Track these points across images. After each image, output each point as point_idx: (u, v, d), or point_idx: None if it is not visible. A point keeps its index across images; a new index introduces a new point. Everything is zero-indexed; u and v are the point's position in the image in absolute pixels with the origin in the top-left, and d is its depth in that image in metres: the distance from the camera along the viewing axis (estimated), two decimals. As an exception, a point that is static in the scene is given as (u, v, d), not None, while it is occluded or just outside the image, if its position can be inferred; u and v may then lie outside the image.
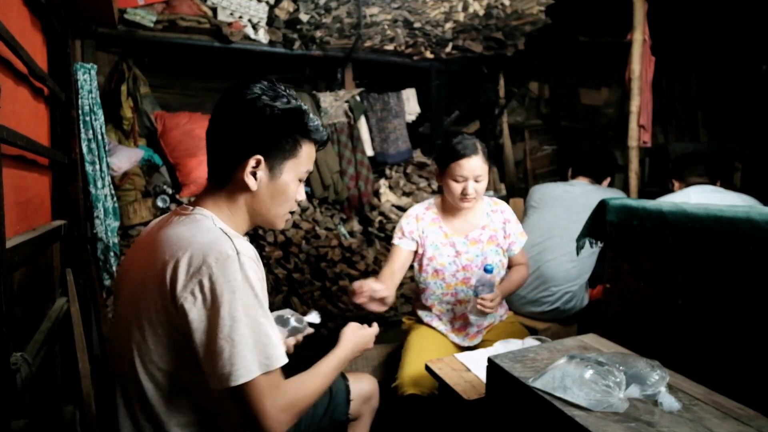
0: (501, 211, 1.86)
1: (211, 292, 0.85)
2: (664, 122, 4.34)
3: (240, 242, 0.90)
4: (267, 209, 1.03)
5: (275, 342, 0.89)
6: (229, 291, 0.84)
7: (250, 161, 0.96)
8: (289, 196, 1.04)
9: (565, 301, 2.24)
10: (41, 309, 1.60)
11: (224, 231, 0.92)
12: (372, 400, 1.42)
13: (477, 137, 1.77)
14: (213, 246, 0.87)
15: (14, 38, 1.28)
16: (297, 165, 1.02)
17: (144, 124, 2.91)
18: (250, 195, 1.00)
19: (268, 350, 0.87)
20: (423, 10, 3.21)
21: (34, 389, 1.23)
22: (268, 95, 0.97)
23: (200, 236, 0.90)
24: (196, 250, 0.87)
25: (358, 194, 3.36)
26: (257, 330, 0.86)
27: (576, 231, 1.48)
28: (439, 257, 1.77)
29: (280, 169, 1.00)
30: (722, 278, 1.05)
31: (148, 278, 0.90)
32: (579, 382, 0.92)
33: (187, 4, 2.75)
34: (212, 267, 0.85)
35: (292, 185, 1.03)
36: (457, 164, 1.66)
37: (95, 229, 2.30)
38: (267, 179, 1.00)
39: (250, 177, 0.97)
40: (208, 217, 0.96)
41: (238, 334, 0.84)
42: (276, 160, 0.99)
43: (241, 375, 0.83)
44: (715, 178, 2.15)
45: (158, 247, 0.91)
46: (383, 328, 3.69)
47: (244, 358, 0.84)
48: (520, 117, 4.66)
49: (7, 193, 1.22)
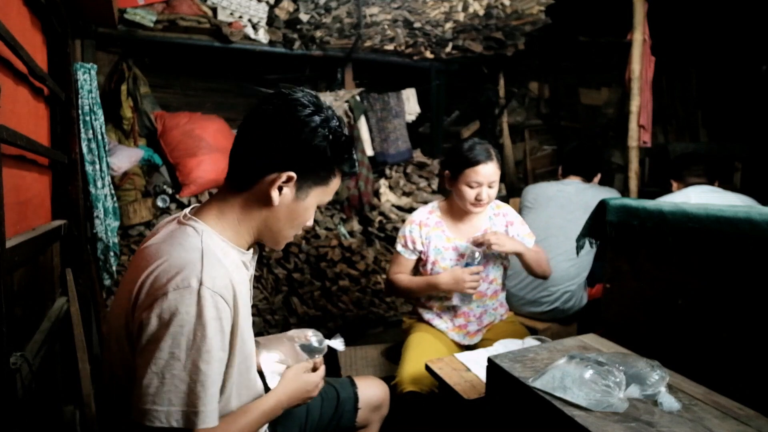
0: (504, 214, 1.87)
1: (159, 319, 0.78)
2: (664, 122, 4.34)
3: (213, 271, 0.83)
4: (279, 228, 0.98)
5: (210, 397, 0.80)
6: (177, 324, 0.78)
7: (282, 175, 0.91)
8: (304, 220, 1.00)
9: (564, 300, 2.24)
10: (41, 309, 1.60)
11: (205, 253, 0.85)
12: (382, 408, 1.38)
13: (477, 137, 1.78)
14: (180, 270, 0.81)
15: (14, 38, 1.28)
16: (324, 193, 0.99)
17: (144, 124, 2.91)
18: (267, 208, 0.95)
19: (198, 404, 0.79)
20: (423, 10, 3.21)
21: (34, 389, 1.23)
22: (320, 116, 0.92)
23: (176, 254, 0.84)
24: (163, 270, 0.82)
25: (358, 194, 3.36)
26: (194, 377, 0.78)
27: (572, 230, 1.48)
28: (442, 261, 1.78)
29: (307, 193, 0.96)
30: (722, 278, 1.05)
31: (128, 291, 0.86)
32: (579, 382, 0.92)
33: (187, 4, 2.75)
34: (168, 293, 0.79)
35: (311, 211, 1.00)
36: (472, 170, 1.67)
37: (95, 229, 2.30)
38: (291, 198, 0.95)
39: (276, 191, 0.92)
40: (198, 231, 0.90)
41: (171, 374, 0.77)
42: (306, 183, 0.95)
43: (158, 418, 0.77)
44: (714, 178, 2.16)
45: (142, 257, 0.88)
46: (382, 327, 3.68)
47: (168, 401, 0.77)
48: (520, 117, 4.66)
49: (7, 192, 1.22)
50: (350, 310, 3.24)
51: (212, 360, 0.80)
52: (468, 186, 1.69)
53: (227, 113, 3.20)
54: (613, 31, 3.23)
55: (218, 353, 0.82)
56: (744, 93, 3.77)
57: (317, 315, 3.14)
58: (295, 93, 0.94)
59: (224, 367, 0.86)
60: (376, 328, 3.31)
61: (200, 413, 0.79)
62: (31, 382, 1.20)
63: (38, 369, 1.28)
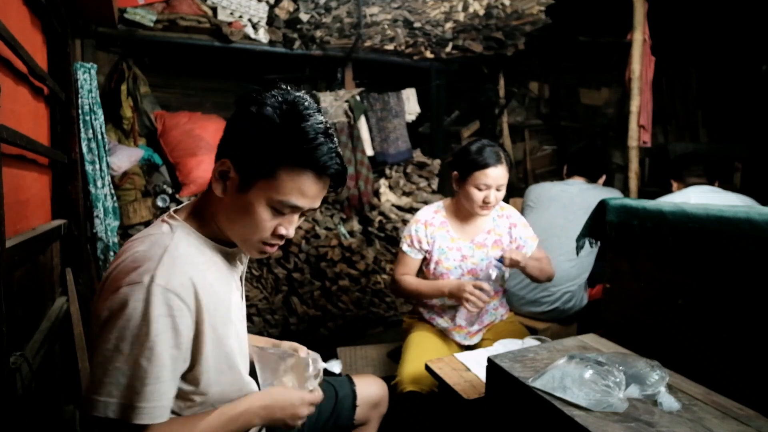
0: (507, 216, 1.87)
1: (109, 311, 0.80)
2: (664, 122, 4.34)
3: (170, 269, 0.82)
4: (231, 224, 0.92)
5: (151, 394, 0.79)
6: (125, 318, 0.78)
7: (220, 162, 0.89)
8: (254, 220, 0.89)
9: (565, 300, 2.24)
10: (41, 308, 1.60)
11: (169, 250, 0.84)
12: (380, 406, 1.38)
13: (477, 137, 1.78)
14: (138, 266, 0.82)
15: (14, 38, 1.28)
16: (270, 189, 0.86)
17: (144, 124, 2.91)
18: (218, 201, 0.91)
19: (135, 400, 0.78)
20: (423, 10, 3.21)
21: (34, 389, 1.23)
22: (275, 106, 0.86)
23: (139, 251, 0.85)
24: (125, 265, 0.83)
25: (358, 194, 3.36)
26: (134, 372, 0.78)
27: (574, 230, 1.48)
28: (446, 261, 1.78)
29: (250, 185, 0.87)
30: (722, 278, 1.05)
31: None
32: (579, 382, 0.92)
33: (187, 4, 2.75)
34: (121, 288, 0.80)
35: (260, 210, 0.88)
36: (482, 173, 1.66)
37: (95, 229, 2.30)
38: (234, 190, 0.89)
39: (218, 180, 0.89)
40: (172, 228, 0.90)
41: (113, 366, 0.78)
42: (248, 173, 0.87)
43: (97, 408, 0.78)
44: (714, 178, 2.16)
45: (118, 254, 0.91)
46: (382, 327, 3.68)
47: (107, 393, 0.78)
48: (520, 117, 4.66)
49: (7, 192, 1.22)
50: (350, 310, 3.24)
51: (155, 357, 0.79)
52: (476, 188, 1.68)
53: (227, 113, 3.18)
54: (613, 31, 3.23)
55: (168, 350, 0.81)
56: (744, 93, 3.77)
57: (317, 315, 3.14)
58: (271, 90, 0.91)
59: (180, 364, 0.85)
60: (376, 328, 3.31)
61: (137, 408, 0.78)
62: (31, 381, 1.20)
63: (38, 369, 1.28)
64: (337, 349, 2.34)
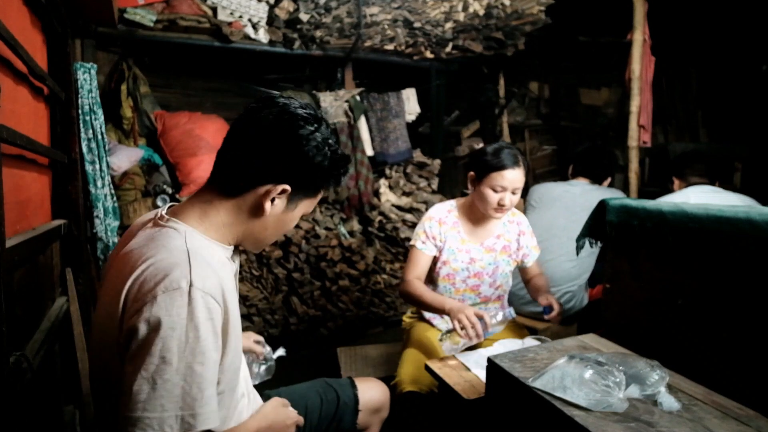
0: (518, 223, 1.86)
1: (148, 324, 0.75)
2: (664, 122, 4.34)
3: (201, 272, 0.81)
4: (264, 235, 0.99)
5: (208, 399, 0.78)
6: (168, 327, 0.75)
7: (277, 187, 0.90)
8: (289, 228, 1.02)
9: (565, 300, 2.24)
10: (41, 308, 1.60)
11: (191, 254, 0.82)
12: (382, 411, 1.38)
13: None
14: (168, 272, 0.78)
15: (14, 38, 1.28)
16: (311, 204, 1.01)
17: (144, 124, 2.91)
18: (255, 218, 0.94)
19: (195, 406, 0.76)
20: (423, 10, 3.21)
21: (34, 389, 1.23)
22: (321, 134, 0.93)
23: (161, 257, 0.81)
24: (150, 274, 0.79)
25: (358, 194, 3.36)
26: (189, 379, 0.76)
27: (575, 231, 1.48)
28: (454, 262, 1.77)
29: (297, 204, 0.97)
30: (722, 278, 1.05)
31: (110, 297, 0.84)
32: (579, 382, 0.92)
33: (187, 4, 2.75)
34: (158, 297, 0.76)
35: (296, 221, 1.02)
36: (499, 174, 1.64)
37: (95, 229, 2.31)
38: (281, 209, 0.95)
39: (269, 202, 0.92)
40: (180, 232, 0.87)
41: (162, 379, 0.74)
42: (298, 195, 0.96)
43: (150, 426, 0.73)
44: (715, 178, 2.16)
45: (124, 262, 0.85)
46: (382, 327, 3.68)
47: (161, 407, 0.74)
48: (520, 117, 4.66)
49: (7, 192, 1.22)
50: (350, 310, 3.24)
51: (207, 361, 0.78)
52: (492, 190, 1.66)
53: (227, 113, 3.20)
54: (613, 31, 3.23)
55: (212, 354, 0.80)
56: (744, 93, 3.77)
57: (317, 315, 3.14)
58: (293, 104, 0.92)
59: (218, 367, 0.84)
60: (376, 328, 3.31)
61: (198, 415, 0.76)
62: (31, 381, 1.20)
63: (38, 369, 1.28)
64: (337, 349, 2.35)
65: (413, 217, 3.52)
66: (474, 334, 1.43)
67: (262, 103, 0.93)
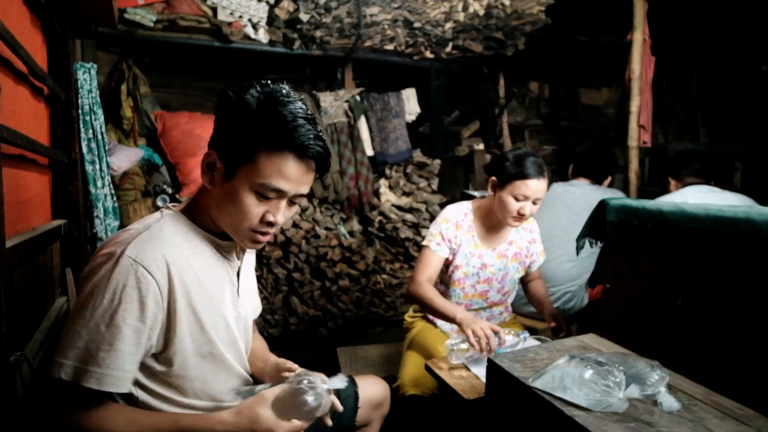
0: (530, 230, 1.86)
1: (83, 280, 0.86)
2: (664, 122, 4.34)
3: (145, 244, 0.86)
4: (220, 214, 0.94)
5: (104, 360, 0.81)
6: (92, 284, 0.84)
7: (210, 153, 0.94)
8: (240, 207, 0.90)
9: (565, 300, 2.24)
10: (41, 308, 1.60)
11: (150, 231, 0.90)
12: (382, 407, 1.38)
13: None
14: (114, 243, 0.88)
15: (14, 38, 1.28)
16: (252, 174, 0.88)
17: (144, 124, 2.91)
18: (208, 193, 0.96)
19: (89, 363, 0.80)
20: (423, 10, 3.21)
21: (34, 389, 1.23)
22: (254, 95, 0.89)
23: (123, 232, 0.91)
24: (107, 242, 0.90)
25: (358, 194, 3.36)
26: (93, 337, 0.81)
27: (576, 231, 1.48)
28: (465, 266, 1.75)
29: (234, 172, 0.90)
30: (722, 278, 1.05)
31: None
32: (579, 382, 0.92)
33: (187, 4, 2.75)
34: (97, 259, 0.87)
35: (244, 196, 0.89)
36: (523, 183, 1.59)
37: (95, 229, 2.30)
38: (220, 180, 0.92)
39: (206, 171, 0.94)
40: (164, 215, 0.96)
41: (73, 329, 0.82)
42: (231, 161, 0.90)
43: (53, 369, 0.81)
44: (711, 177, 2.15)
45: None
46: (382, 328, 3.67)
47: (64, 355, 0.81)
48: (520, 117, 4.65)
49: (7, 192, 1.22)
50: (350, 310, 3.24)
51: (114, 325, 0.82)
52: (514, 198, 1.61)
53: (227, 113, 3.20)
54: (613, 31, 3.23)
55: (131, 322, 0.83)
56: (744, 93, 3.77)
57: (317, 315, 3.14)
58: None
59: (144, 339, 0.85)
60: (376, 328, 3.31)
61: (88, 372, 0.80)
62: (31, 382, 1.20)
63: (38, 369, 1.28)
64: (337, 349, 2.35)
65: (413, 217, 3.52)
66: (486, 347, 1.38)
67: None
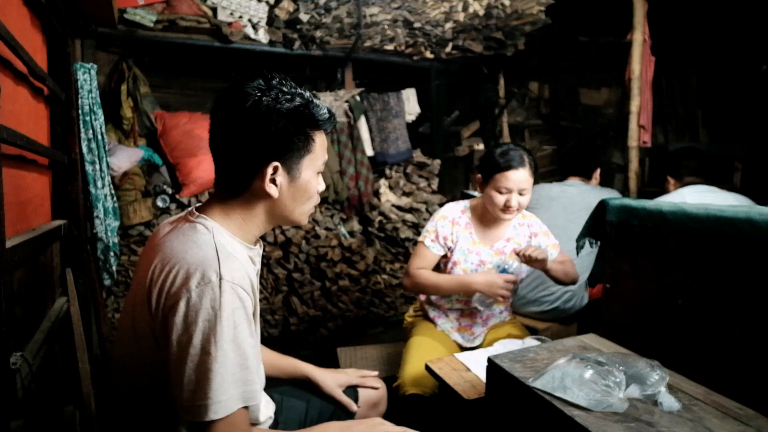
0: (528, 225, 1.85)
1: (186, 318, 0.81)
2: (664, 122, 4.33)
3: (230, 265, 0.85)
4: (291, 210, 0.99)
5: (253, 378, 0.85)
6: (204, 319, 0.80)
7: (267, 170, 0.91)
8: (311, 193, 1.00)
9: (565, 300, 2.24)
10: (41, 309, 1.60)
11: (219, 248, 0.87)
12: (380, 406, 1.39)
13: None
14: (198, 267, 0.83)
15: (14, 38, 1.28)
16: (314, 159, 0.97)
17: (144, 124, 2.91)
18: (270, 201, 0.96)
19: (246, 384, 0.84)
20: (423, 10, 3.21)
21: (34, 389, 1.23)
22: (269, 96, 0.90)
23: (191, 252, 0.85)
24: (182, 269, 0.83)
25: (358, 194, 3.36)
26: (234, 362, 0.82)
27: (574, 231, 1.48)
28: (464, 263, 1.76)
29: (299, 169, 0.95)
30: (722, 278, 1.05)
31: (140, 287, 0.88)
32: (579, 382, 0.92)
33: (187, 4, 2.75)
34: (191, 291, 0.81)
35: (313, 181, 0.99)
36: (502, 176, 1.63)
37: (95, 229, 2.30)
38: (287, 183, 0.95)
39: (271, 186, 0.93)
40: (209, 228, 0.91)
41: (211, 367, 0.80)
42: (293, 161, 0.94)
43: (212, 410, 0.80)
44: (710, 176, 2.14)
45: (156, 254, 0.89)
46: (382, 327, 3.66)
47: (223, 391, 0.80)
48: (520, 117, 4.65)
49: (7, 192, 1.22)
50: (350, 310, 3.24)
51: (244, 345, 0.84)
52: (498, 191, 1.65)
53: (227, 113, 3.20)
54: (613, 31, 3.23)
55: (247, 338, 0.85)
56: (744, 93, 3.77)
57: (317, 315, 3.14)
58: (244, 84, 0.91)
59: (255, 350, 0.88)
60: (376, 328, 3.32)
61: (252, 392, 0.84)
62: (31, 382, 1.20)
63: (38, 369, 1.28)
64: (337, 349, 2.34)
65: (413, 217, 3.52)
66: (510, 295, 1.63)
67: (217, 98, 0.95)
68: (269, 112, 0.89)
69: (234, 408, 0.81)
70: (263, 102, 0.89)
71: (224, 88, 0.94)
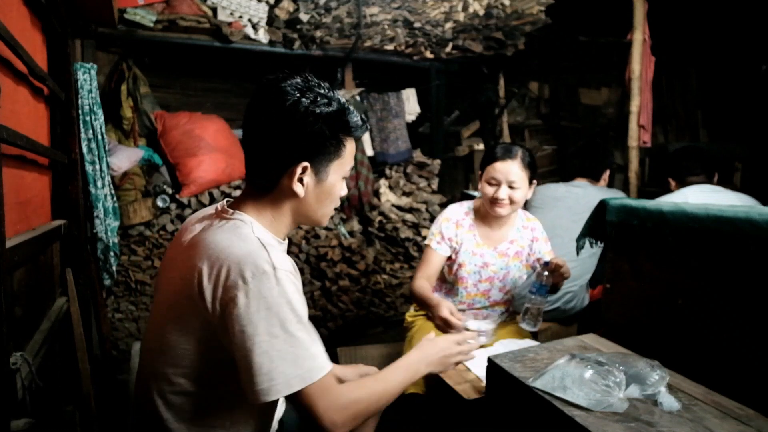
0: (531, 229, 1.85)
1: (247, 308, 0.84)
2: (664, 122, 4.34)
3: (276, 254, 0.89)
4: (314, 211, 1.02)
5: (314, 353, 0.89)
6: (265, 308, 0.84)
7: (296, 169, 0.94)
8: (335, 197, 1.03)
9: (566, 301, 2.24)
10: (41, 309, 1.60)
11: (262, 241, 0.90)
12: None
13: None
14: (249, 259, 0.86)
15: (14, 38, 1.28)
16: (342, 165, 1.01)
17: (144, 124, 2.90)
18: (296, 200, 0.99)
19: (307, 363, 0.87)
20: (423, 10, 3.21)
21: (34, 389, 1.23)
22: (307, 98, 0.92)
23: (238, 246, 0.88)
24: (233, 263, 0.86)
25: (358, 194, 3.36)
26: (295, 344, 0.86)
27: (578, 231, 1.48)
28: (468, 265, 1.76)
29: (326, 172, 0.98)
30: (722, 278, 1.05)
31: (185, 283, 0.89)
32: (579, 382, 0.92)
33: (187, 4, 2.75)
34: (249, 283, 0.84)
35: (338, 185, 1.02)
36: (491, 167, 1.65)
37: (95, 229, 2.30)
38: (314, 184, 0.98)
39: (298, 185, 0.96)
40: (247, 223, 0.94)
41: (275, 350, 0.84)
42: (322, 164, 0.97)
43: (280, 390, 0.84)
44: (712, 175, 2.14)
45: (197, 252, 0.90)
46: (382, 327, 3.66)
47: (282, 373, 0.84)
48: (520, 117, 4.65)
49: (7, 192, 1.22)
50: (350, 310, 3.24)
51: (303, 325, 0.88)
52: (487, 183, 1.67)
53: (227, 113, 3.20)
54: (613, 31, 3.23)
55: (304, 317, 0.89)
56: (744, 93, 3.77)
57: (317, 315, 3.14)
58: (283, 82, 0.94)
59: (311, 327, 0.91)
60: (376, 328, 3.31)
61: (312, 368, 0.87)
62: (31, 382, 1.20)
63: (38, 369, 1.28)
64: (337, 349, 2.35)
65: (413, 217, 3.52)
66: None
67: (257, 92, 0.96)
68: (307, 114, 0.92)
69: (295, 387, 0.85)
70: (302, 102, 0.92)
71: (261, 84, 0.96)
